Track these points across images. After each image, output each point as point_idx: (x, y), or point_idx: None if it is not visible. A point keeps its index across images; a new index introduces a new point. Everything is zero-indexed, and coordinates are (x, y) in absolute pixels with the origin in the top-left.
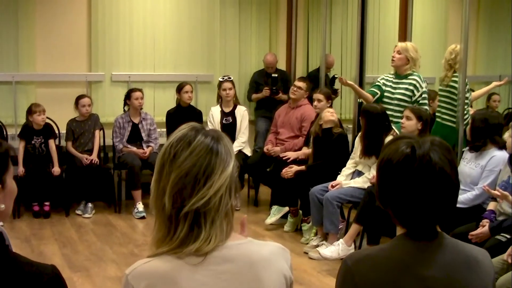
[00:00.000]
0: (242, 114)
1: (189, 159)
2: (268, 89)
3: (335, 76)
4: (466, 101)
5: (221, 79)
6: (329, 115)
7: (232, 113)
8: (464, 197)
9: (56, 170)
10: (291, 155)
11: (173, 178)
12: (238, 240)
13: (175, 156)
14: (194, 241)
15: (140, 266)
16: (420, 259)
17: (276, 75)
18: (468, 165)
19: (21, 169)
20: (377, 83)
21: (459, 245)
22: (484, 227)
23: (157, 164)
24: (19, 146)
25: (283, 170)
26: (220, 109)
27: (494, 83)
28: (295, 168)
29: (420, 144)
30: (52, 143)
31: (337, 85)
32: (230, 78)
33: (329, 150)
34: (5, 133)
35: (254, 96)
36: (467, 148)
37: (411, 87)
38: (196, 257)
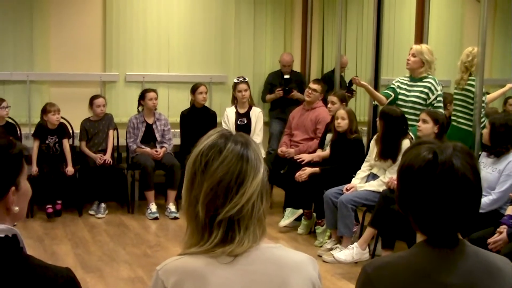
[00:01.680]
0: (257, 115)
1: (220, 167)
2: (281, 90)
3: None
4: (482, 104)
5: (236, 81)
6: (337, 123)
7: (247, 114)
8: (481, 201)
9: (70, 170)
10: (306, 157)
11: (206, 187)
12: (270, 244)
13: (207, 165)
14: (229, 244)
15: (171, 262)
16: (441, 266)
17: (289, 76)
18: (485, 170)
19: (34, 169)
20: (392, 86)
21: (480, 253)
22: (502, 234)
23: (187, 173)
24: (33, 146)
25: (297, 173)
26: (235, 110)
27: (508, 85)
28: (308, 170)
29: (442, 149)
30: (66, 143)
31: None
32: (245, 79)
33: (344, 154)
34: (19, 132)
35: (268, 97)
36: (485, 153)
37: (426, 90)
38: (227, 257)
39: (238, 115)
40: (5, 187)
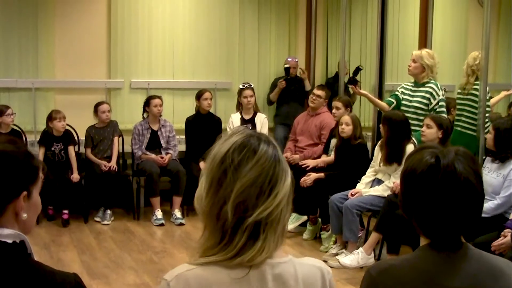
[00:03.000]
0: (262, 121)
1: (255, 168)
2: (284, 81)
3: (360, 67)
4: (487, 109)
5: (241, 87)
6: (341, 129)
7: (252, 120)
8: (486, 206)
9: (75, 177)
10: (311, 163)
11: (239, 186)
12: (280, 259)
13: (240, 164)
14: (249, 250)
15: (183, 273)
16: (445, 270)
17: (288, 66)
18: (490, 174)
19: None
20: (395, 92)
21: (484, 256)
22: (506, 237)
23: (212, 171)
24: (38, 153)
25: (302, 179)
26: (240, 116)
27: (509, 91)
28: (313, 175)
29: (444, 154)
30: (71, 150)
31: (353, 65)
32: (251, 85)
33: (348, 159)
34: (24, 139)
35: (271, 95)
36: (489, 158)
37: (427, 95)
38: (242, 269)
39: (243, 121)
40: (18, 190)
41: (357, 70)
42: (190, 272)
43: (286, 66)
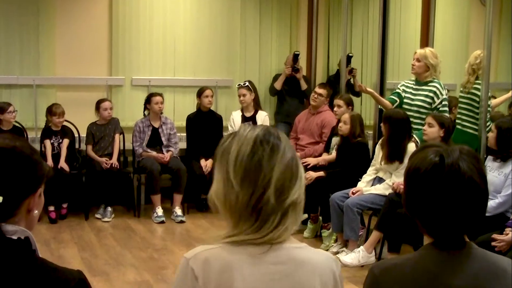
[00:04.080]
0: (263, 119)
1: (285, 154)
2: (290, 67)
3: (350, 54)
4: (488, 108)
5: (237, 86)
6: (339, 127)
7: (253, 118)
8: (487, 205)
9: (62, 165)
10: (311, 161)
11: (278, 173)
12: (297, 244)
13: (273, 152)
14: (280, 228)
15: (203, 252)
16: (448, 269)
17: (299, 52)
18: (491, 173)
19: (50, 163)
20: (397, 90)
21: (487, 255)
22: (507, 235)
23: (245, 166)
24: (45, 145)
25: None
26: (241, 114)
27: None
28: (314, 174)
29: (448, 152)
30: (65, 142)
31: (354, 64)
32: (246, 84)
33: (348, 158)
34: (25, 136)
35: (276, 83)
36: (491, 156)
37: (431, 94)
38: (263, 246)
39: (244, 118)
40: (35, 186)
41: (349, 58)
42: (210, 251)
43: (296, 52)
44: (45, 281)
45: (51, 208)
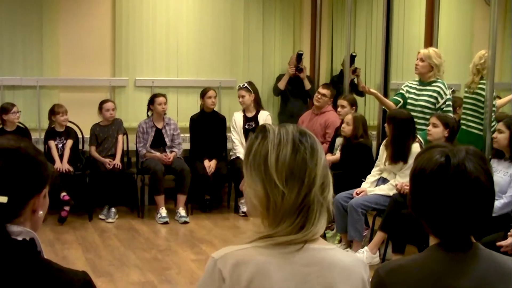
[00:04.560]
0: (265, 118)
1: (320, 150)
2: (294, 67)
3: (353, 54)
4: (493, 108)
5: (237, 87)
6: (342, 127)
7: (255, 118)
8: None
9: (64, 165)
10: None
11: (321, 169)
12: (326, 245)
13: (313, 149)
14: (317, 225)
15: (232, 252)
16: (454, 270)
17: (302, 52)
18: (497, 174)
19: (58, 164)
20: (400, 91)
21: (494, 256)
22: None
23: (291, 163)
24: (50, 146)
25: None
26: (242, 114)
27: None
28: None
29: (454, 153)
30: (69, 143)
31: (357, 64)
32: (244, 85)
33: (351, 159)
34: (30, 137)
35: (279, 83)
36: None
37: (435, 94)
38: (295, 245)
39: (246, 119)
40: (40, 186)
41: (352, 57)
42: (240, 252)
43: (300, 52)
44: (50, 282)
45: (66, 207)
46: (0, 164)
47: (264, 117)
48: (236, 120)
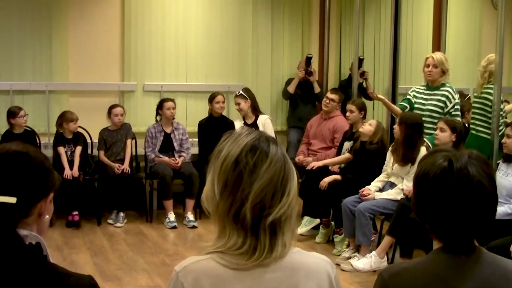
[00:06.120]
0: (264, 122)
1: (269, 169)
2: (303, 70)
3: (361, 57)
4: (501, 112)
5: (234, 95)
6: (367, 129)
7: (254, 124)
8: (500, 209)
9: (74, 172)
10: (317, 164)
11: (256, 188)
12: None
13: (255, 167)
14: (275, 247)
15: (192, 264)
16: (457, 273)
17: (311, 56)
18: (504, 177)
19: (68, 171)
20: (407, 96)
21: (497, 260)
22: None
23: (228, 174)
24: (60, 152)
25: (322, 180)
26: (243, 122)
27: None
28: (329, 178)
29: (457, 157)
30: (78, 150)
31: (365, 68)
32: (240, 92)
33: (363, 164)
34: (38, 142)
35: (289, 87)
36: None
37: (443, 99)
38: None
39: (246, 126)
40: (47, 190)
41: (360, 61)
42: (200, 263)
43: (309, 55)
44: (56, 286)
45: (74, 212)
46: (10, 166)
47: (263, 120)
48: (237, 128)
